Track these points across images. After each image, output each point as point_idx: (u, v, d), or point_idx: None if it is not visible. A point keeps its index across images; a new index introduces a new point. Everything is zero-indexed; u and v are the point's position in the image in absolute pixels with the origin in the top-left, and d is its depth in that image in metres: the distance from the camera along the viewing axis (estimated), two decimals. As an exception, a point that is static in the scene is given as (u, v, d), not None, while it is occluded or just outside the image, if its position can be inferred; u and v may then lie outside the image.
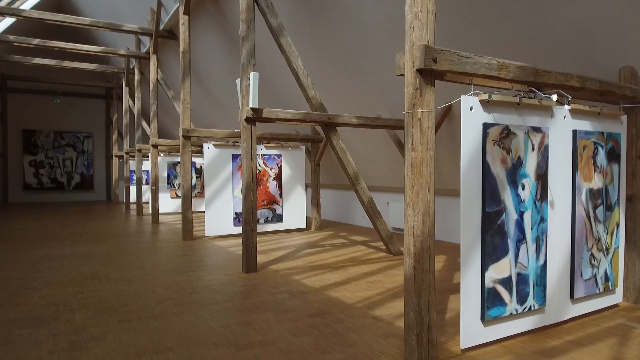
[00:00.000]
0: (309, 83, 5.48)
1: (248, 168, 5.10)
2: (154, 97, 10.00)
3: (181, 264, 5.64)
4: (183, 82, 7.58)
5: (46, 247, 6.96)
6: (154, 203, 10.00)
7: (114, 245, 7.12)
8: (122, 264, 5.64)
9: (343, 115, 5.67)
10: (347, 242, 7.29)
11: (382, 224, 6.04)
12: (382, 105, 6.90)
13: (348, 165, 5.77)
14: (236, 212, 7.95)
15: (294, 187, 8.59)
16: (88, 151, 18.42)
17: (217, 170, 7.79)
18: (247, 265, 5.09)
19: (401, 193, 8.24)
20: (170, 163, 12.05)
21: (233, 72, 9.63)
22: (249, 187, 5.09)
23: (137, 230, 9.11)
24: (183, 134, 7.48)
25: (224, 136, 7.79)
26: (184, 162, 7.55)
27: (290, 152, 8.57)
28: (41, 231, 8.86)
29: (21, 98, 17.29)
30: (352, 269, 5.29)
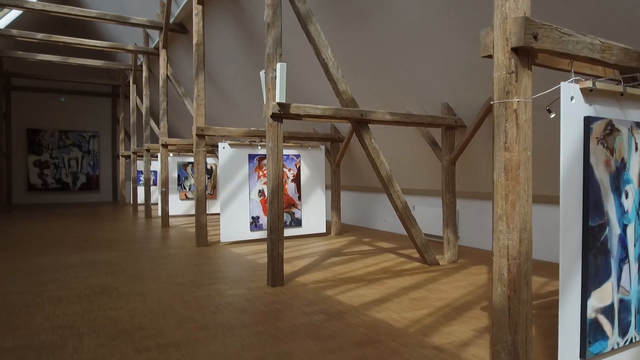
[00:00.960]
0: (340, 76, 4.96)
1: (274, 170, 4.58)
2: (163, 94, 9.50)
3: (198, 275, 5.12)
4: (197, 77, 7.07)
5: (50, 254, 6.47)
6: (163, 205, 9.51)
7: (123, 252, 6.62)
8: (134, 274, 5.14)
9: (376, 111, 5.14)
10: (373, 250, 6.76)
11: (417, 231, 5.51)
12: (412, 100, 6.36)
13: (381, 167, 5.25)
14: (253, 217, 7.44)
15: (313, 190, 8.07)
16: (94, 151, 17.97)
17: (232, 172, 7.28)
18: (273, 278, 4.57)
19: (428, 196, 7.71)
20: (180, 163, 11.55)
21: (248, 67, 9.13)
22: (275, 191, 4.57)
23: (147, 234, 8.61)
24: (197, 133, 6.97)
25: (240, 135, 7.27)
26: (198, 162, 7.04)
27: (310, 152, 8.05)
28: (45, 236, 8.37)
29: (25, 96, 16.85)
30: (389, 282, 4.76)
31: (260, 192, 7.51)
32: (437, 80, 5.78)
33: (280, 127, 4.61)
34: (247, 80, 9.57)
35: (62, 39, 10.23)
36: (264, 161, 7.55)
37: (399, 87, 6.34)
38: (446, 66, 5.50)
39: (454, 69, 5.44)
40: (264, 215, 7.55)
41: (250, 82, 9.49)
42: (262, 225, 7.52)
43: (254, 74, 9.34)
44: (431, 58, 5.56)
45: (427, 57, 5.60)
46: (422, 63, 5.73)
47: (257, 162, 7.50)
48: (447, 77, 5.64)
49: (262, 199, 7.54)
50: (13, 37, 9.97)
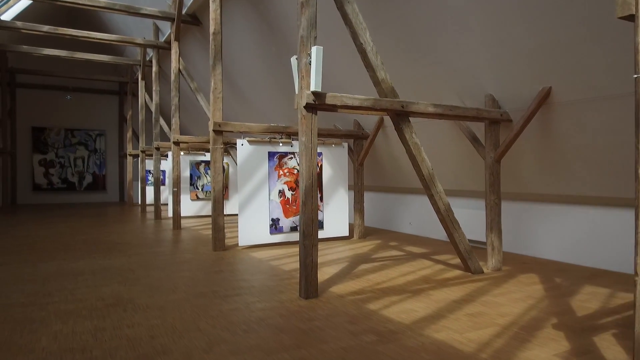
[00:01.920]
0: (379, 62, 4.44)
1: (308, 168, 4.07)
2: (175, 88, 9.02)
3: (220, 284, 4.62)
4: (214, 69, 6.58)
5: (57, 259, 5.99)
6: (175, 206, 9.02)
7: (135, 257, 6.13)
8: (149, 283, 4.64)
9: (418, 102, 4.63)
10: (405, 255, 6.24)
11: (460, 236, 4.99)
12: (449, 92, 5.84)
13: (422, 164, 4.73)
14: (272, 219, 6.94)
15: (335, 190, 7.56)
16: (100, 150, 17.53)
17: (251, 170, 6.79)
18: (307, 290, 4.06)
19: (463, 197, 7.18)
20: (192, 162, 11.07)
21: (264, 61, 8.63)
22: (309, 191, 4.06)
23: (158, 237, 8.12)
24: (214, 128, 6.48)
25: (261, 131, 6.77)
26: (215, 160, 6.55)
27: (332, 150, 7.54)
28: (51, 238, 7.90)
29: (31, 94, 16.44)
30: (435, 293, 4.25)
31: (280, 193, 7.01)
32: (481, 69, 5.25)
33: (315, 119, 4.11)
34: (262, 75, 9.08)
35: (68, 32, 9.78)
36: (284, 159, 7.05)
37: (436, 77, 5.82)
38: (494, 53, 4.98)
39: (503, 56, 4.92)
40: (284, 217, 7.05)
41: (266, 76, 9.00)
42: (282, 228, 7.02)
43: (270, 68, 8.88)
44: (476, 44, 5.04)
45: (471, 44, 5.08)
46: (464, 50, 5.21)
47: (278, 160, 7.00)
48: (493, 66, 5.11)
49: (283, 199, 7.04)
50: (18, 30, 9.52)
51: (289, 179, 7.11)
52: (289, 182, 7.10)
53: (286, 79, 8.64)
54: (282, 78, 8.71)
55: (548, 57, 4.59)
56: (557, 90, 4.75)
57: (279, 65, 8.40)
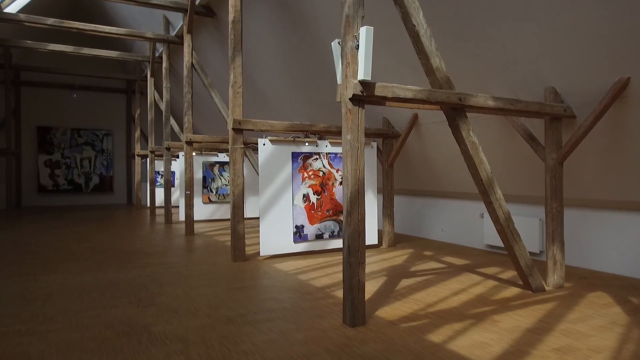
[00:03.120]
0: (433, 48, 3.81)
1: (354, 171, 3.44)
2: (188, 84, 8.43)
3: (248, 304, 4.00)
4: (233, 61, 5.97)
5: (61, 271, 5.40)
6: (188, 210, 8.42)
7: (147, 268, 5.53)
8: (165, 304, 4.03)
9: (477, 95, 3.99)
10: (446, 268, 5.60)
11: (521, 249, 4.34)
12: (502, 84, 5.19)
13: (481, 167, 4.09)
14: (296, 226, 6.32)
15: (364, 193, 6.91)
16: (107, 150, 16.99)
17: (273, 173, 6.17)
18: (353, 316, 3.43)
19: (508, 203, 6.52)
20: (206, 163, 10.46)
21: (284, 55, 8.02)
22: (355, 200, 3.43)
23: (171, 244, 7.52)
24: (233, 126, 5.87)
25: (283, 129, 6.16)
26: (235, 161, 5.94)
27: (360, 150, 6.89)
28: (55, 245, 7.32)
29: (36, 92, 15.92)
30: (502, 319, 3.61)
31: (305, 197, 6.39)
32: (541, 58, 4.60)
33: (362, 114, 3.48)
34: (281, 70, 8.46)
35: (74, 25, 9.21)
36: (309, 160, 6.43)
37: (486, 68, 5.17)
38: (557, 39, 4.33)
39: (569, 42, 4.27)
40: (309, 223, 6.43)
41: (285, 71, 8.39)
42: (306, 236, 6.40)
43: (290, 63, 8.26)
44: (537, 29, 4.39)
45: (531, 28, 4.43)
46: (522, 36, 4.56)
47: (302, 161, 6.38)
48: (556, 54, 4.46)
49: (307, 204, 6.42)
50: (21, 23, 8.96)
51: (314, 182, 6.49)
52: (314, 186, 6.48)
53: (307, 75, 8.03)
54: (303, 74, 8.10)
55: (625, 44, 3.94)
56: (635, 81, 4.10)
57: (301, 59, 7.78)
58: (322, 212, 6.54)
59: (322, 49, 7.11)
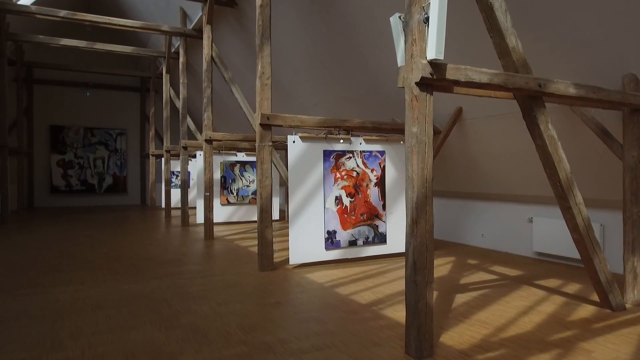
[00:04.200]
0: (509, 24, 3.20)
1: (421, 171, 2.85)
2: (208, 79, 7.90)
3: (287, 327, 3.44)
4: (261, 49, 5.41)
5: (73, 281, 4.89)
6: (207, 213, 7.89)
7: (167, 279, 5.00)
8: (192, 324, 3.48)
9: (557, 81, 3.38)
10: (500, 280, 4.99)
11: (601, 262, 3.72)
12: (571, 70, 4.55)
13: (560, 166, 3.48)
14: (328, 231, 5.75)
15: (400, 196, 6.33)
16: (121, 150, 16.57)
17: (303, 173, 5.61)
18: (419, 346, 2.84)
19: (552, 205, 5.91)
20: (226, 163, 9.92)
21: (308, 46, 7.45)
22: (422, 205, 2.84)
23: (191, 250, 7.00)
24: (261, 122, 5.32)
25: (315, 125, 5.59)
26: (262, 160, 5.39)
27: (396, 148, 6.32)
28: (67, 251, 6.84)
29: (48, 90, 15.56)
30: (593, 348, 3.00)
31: (337, 200, 5.82)
32: (620, 41, 3.97)
33: (431, 101, 2.89)
34: (306, 62, 7.90)
35: (87, 17, 8.75)
36: (342, 159, 5.86)
37: (554, 51, 4.54)
38: None
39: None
40: (341, 229, 5.85)
41: (311, 64, 7.82)
42: (339, 243, 5.83)
43: (316, 54, 7.65)
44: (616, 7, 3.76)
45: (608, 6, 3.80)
46: (597, 16, 3.93)
47: (334, 160, 5.81)
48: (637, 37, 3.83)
49: (340, 208, 5.84)
50: (33, 15, 8.52)
51: (347, 183, 5.91)
52: (346, 187, 5.91)
53: (335, 68, 7.46)
54: (330, 66, 7.52)
55: None
56: None
57: (328, 50, 7.21)
58: (355, 216, 5.97)
59: (354, 38, 6.54)
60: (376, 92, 7.13)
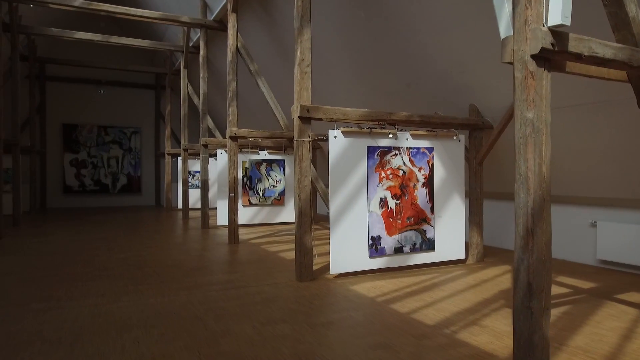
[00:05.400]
0: (632, -12, 2.59)
1: (537, 168, 2.25)
2: (232, 71, 7.35)
3: (347, 354, 2.85)
4: (300, 34, 4.84)
5: (91, 293, 4.34)
6: (232, 215, 7.33)
7: (197, 290, 4.43)
8: (235, 352, 2.91)
9: (685, 58, 2.76)
10: (574, 294, 4.36)
11: None
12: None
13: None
14: (372, 237, 5.15)
15: (450, 197, 5.72)
16: (135, 149, 16.11)
17: (346, 172, 5.02)
18: (534, 388, 2.23)
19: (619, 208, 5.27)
20: (252, 162, 9.35)
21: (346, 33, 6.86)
22: (539, 211, 2.24)
23: (217, 256, 6.44)
24: (301, 114, 4.74)
25: (359, 118, 5.00)
26: (302, 157, 4.81)
27: (445, 145, 5.71)
28: (83, 257, 6.31)
29: (61, 87, 15.14)
30: None
31: (382, 202, 5.23)
32: None
33: (549, 79, 2.29)
34: (339, 51, 7.30)
35: (103, 7, 8.25)
36: (387, 156, 5.26)
37: None
38: None
39: None
40: (386, 234, 5.25)
41: (344, 53, 7.22)
42: (383, 250, 5.23)
43: (351, 42, 7.00)
44: None
45: None
46: None
47: (379, 157, 5.21)
48: None
49: (385, 211, 5.25)
50: (46, 5, 8.04)
51: (393, 184, 5.31)
52: (392, 188, 5.31)
53: (370, 58, 6.86)
54: (366, 56, 6.93)
55: None
56: None
57: (366, 37, 6.62)
58: (402, 220, 5.36)
59: (395, 23, 5.93)
60: (418, 83, 6.53)
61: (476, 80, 5.76)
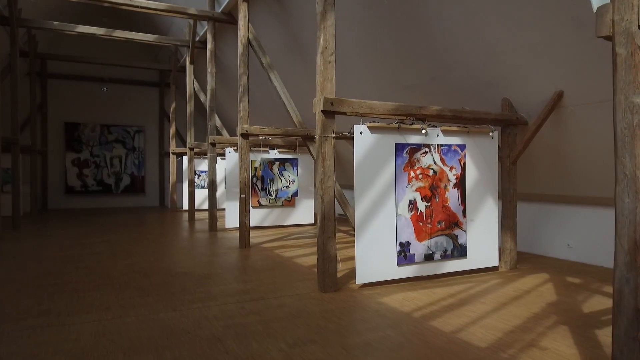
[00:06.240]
0: None
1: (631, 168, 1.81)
2: (244, 64, 6.92)
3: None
4: (323, 18, 4.40)
5: (94, 307, 3.91)
6: (243, 218, 6.89)
7: (210, 303, 4.00)
8: (264, 384, 2.47)
9: None
10: (637, 307, 3.89)
11: None
12: None
13: None
14: (401, 243, 4.71)
15: (482, 200, 5.28)
16: (139, 148, 15.69)
17: (372, 171, 4.58)
18: None
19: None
20: (265, 161, 8.92)
21: (367, 23, 6.43)
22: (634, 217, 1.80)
23: (228, 263, 6.02)
24: (324, 108, 4.30)
25: (387, 112, 4.56)
26: (325, 156, 4.37)
27: (477, 142, 5.26)
28: (85, 263, 5.89)
29: (63, 85, 14.74)
30: None
31: (411, 204, 4.78)
32: None
33: (664, 56, 1.84)
34: (355, 41, 6.86)
35: (107, -3, 7.82)
36: (416, 154, 4.81)
37: None
38: None
39: None
40: (416, 240, 4.81)
41: (361, 43, 6.78)
42: (413, 257, 4.78)
43: (371, 31, 6.49)
44: None
45: None
46: None
47: (408, 155, 4.77)
48: None
49: (414, 214, 4.80)
50: (46, -4, 7.61)
51: (423, 184, 4.87)
52: (422, 189, 4.86)
53: (393, 47, 6.42)
54: (388, 46, 6.49)
55: None
56: None
57: (387, 26, 6.17)
58: (432, 225, 4.92)
59: (419, 10, 5.49)
60: (444, 77, 6.08)
61: (511, 72, 5.31)
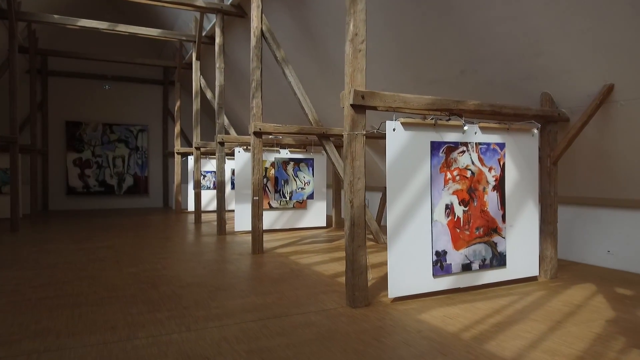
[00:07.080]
0: None
1: None
2: (257, 58, 6.46)
3: None
4: (353, 2, 3.95)
5: (98, 326, 3.46)
6: (256, 221, 6.44)
7: (229, 320, 3.55)
8: None
9: None
10: None
11: None
12: None
13: None
14: (437, 251, 4.25)
15: (523, 203, 4.81)
16: (142, 148, 15.25)
17: (406, 171, 4.12)
18: None
19: None
20: (278, 160, 8.46)
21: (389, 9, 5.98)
22: None
23: (242, 271, 5.56)
24: (354, 102, 3.85)
25: (423, 107, 4.11)
26: (354, 155, 3.92)
27: (518, 140, 4.80)
28: (88, 272, 5.44)
29: (64, 83, 14.32)
30: None
31: (447, 209, 4.32)
32: None
33: None
34: (375, 32, 6.41)
35: (111, -12, 7.36)
36: (453, 154, 4.36)
37: None
38: None
39: None
40: (453, 248, 4.35)
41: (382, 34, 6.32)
42: (450, 267, 4.32)
43: (393, 21, 5.93)
44: None
45: None
46: None
47: (444, 155, 4.31)
48: None
49: (451, 220, 4.34)
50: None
51: (460, 187, 4.41)
52: (459, 192, 4.40)
53: (418, 38, 5.96)
54: (412, 37, 6.03)
55: None
56: None
57: (412, 16, 5.72)
58: (470, 231, 4.46)
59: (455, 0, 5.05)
60: (475, 70, 5.63)
61: (554, 64, 4.85)
